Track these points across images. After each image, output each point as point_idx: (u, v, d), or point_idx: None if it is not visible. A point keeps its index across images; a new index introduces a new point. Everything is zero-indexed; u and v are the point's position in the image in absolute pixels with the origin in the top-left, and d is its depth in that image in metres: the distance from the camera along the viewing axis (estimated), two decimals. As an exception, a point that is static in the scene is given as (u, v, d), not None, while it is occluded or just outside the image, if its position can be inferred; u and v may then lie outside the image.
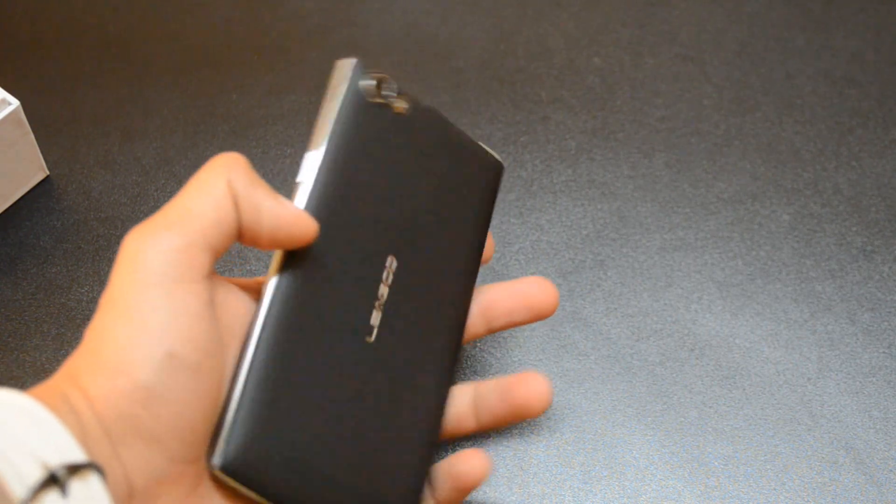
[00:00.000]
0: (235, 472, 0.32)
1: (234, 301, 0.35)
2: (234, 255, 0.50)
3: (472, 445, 0.44)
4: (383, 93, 0.39)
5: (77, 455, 0.28)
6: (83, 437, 0.29)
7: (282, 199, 0.34)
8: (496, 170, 0.42)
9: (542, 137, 0.55)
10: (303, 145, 0.55)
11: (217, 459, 0.32)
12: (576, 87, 0.57)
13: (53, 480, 0.27)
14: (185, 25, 0.60)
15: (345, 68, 0.39)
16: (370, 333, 0.37)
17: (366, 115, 0.38)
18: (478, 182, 0.41)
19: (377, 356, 0.37)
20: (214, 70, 0.58)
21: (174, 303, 0.31)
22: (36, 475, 0.27)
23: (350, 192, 0.37)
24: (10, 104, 0.49)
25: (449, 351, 0.39)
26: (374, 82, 0.39)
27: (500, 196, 0.52)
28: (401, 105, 0.39)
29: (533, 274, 0.50)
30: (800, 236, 0.51)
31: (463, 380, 0.46)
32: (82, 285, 0.50)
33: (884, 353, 0.47)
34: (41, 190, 0.53)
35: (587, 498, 0.43)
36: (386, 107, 0.39)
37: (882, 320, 0.48)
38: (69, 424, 0.29)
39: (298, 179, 0.37)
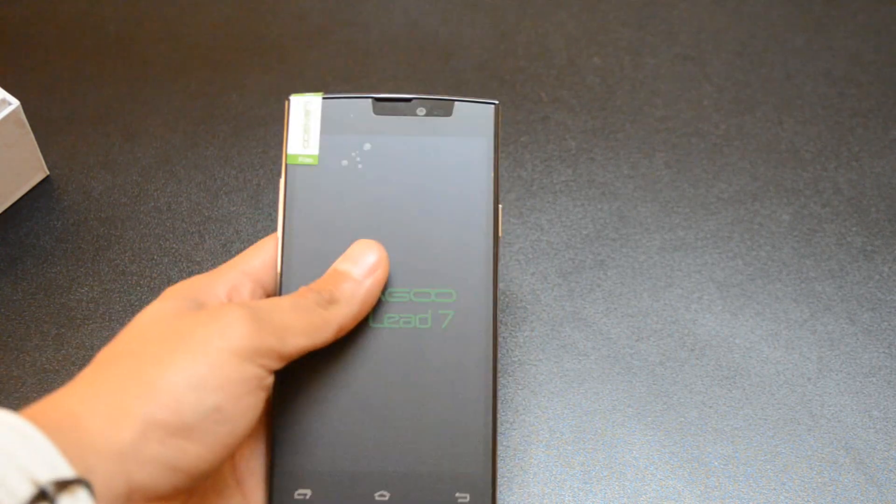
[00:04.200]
0: None
1: None
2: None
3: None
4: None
5: (65, 471, 0.29)
6: (78, 451, 0.30)
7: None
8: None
9: (542, 137, 0.55)
10: (303, 145, 0.55)
11: None
12: (576, 87, 0.57)
13: (43, 496, 0.28)
14: (185, 25, 0.60)
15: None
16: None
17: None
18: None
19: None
20: (214, 70, 0.58)
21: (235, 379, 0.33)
22: (26, 491, 0.28)
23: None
24: (10, 104, 0.49)
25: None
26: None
27: (500, 196, 0.52)
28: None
29: (532, 274, 0.50)
30: (800, 236, 0.51)
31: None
32: (82, 285, 0.50)
33: (884, 353, 0.47)
34: (41, 190, 0.53)
35: (587, 498, 0.43)
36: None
37: (882, 320, 0.48)
38: (65, 439, 0.30)
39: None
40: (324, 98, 0.39)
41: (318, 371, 0.37)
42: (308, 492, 0.35)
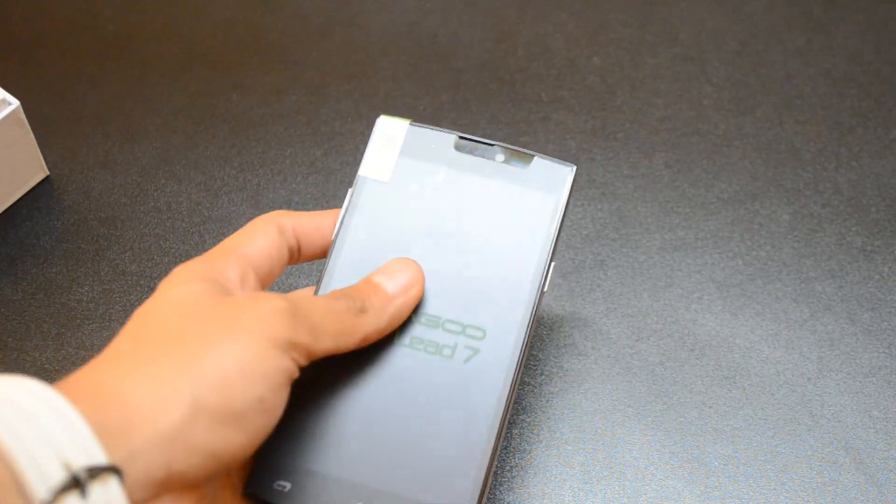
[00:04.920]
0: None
1: None
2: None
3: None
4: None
5: (99, 457, 0.28)
6: (122, 433, 0.29)
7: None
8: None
9: (542, 137, 0.55)
10: (303, 145, 0.55)
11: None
12: (576, 87, 0.57)
13: (75, 483, 0.27)
14: (185, 25, 0.60)
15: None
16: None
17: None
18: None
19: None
20: (214, 70, 0.58)
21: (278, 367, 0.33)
22: (58, 476, 0.27)
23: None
24: (10, 104, 0.49)
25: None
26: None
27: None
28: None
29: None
30: (800, 236, 0.51)
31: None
32: (82, 285, 0.50)
33: (884, 353, 0.47)
34: (41, 190, 0.53)
35: (587, 498, 0.43)
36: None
37: (882, 320, 0.48)
38: (108, 421, 0.29)
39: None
40: (410, 125, 0.41)
41: (329, 376, 0.37)
42: (287, 485, 0.35)
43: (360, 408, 0.36)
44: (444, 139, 0.40)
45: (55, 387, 0.29)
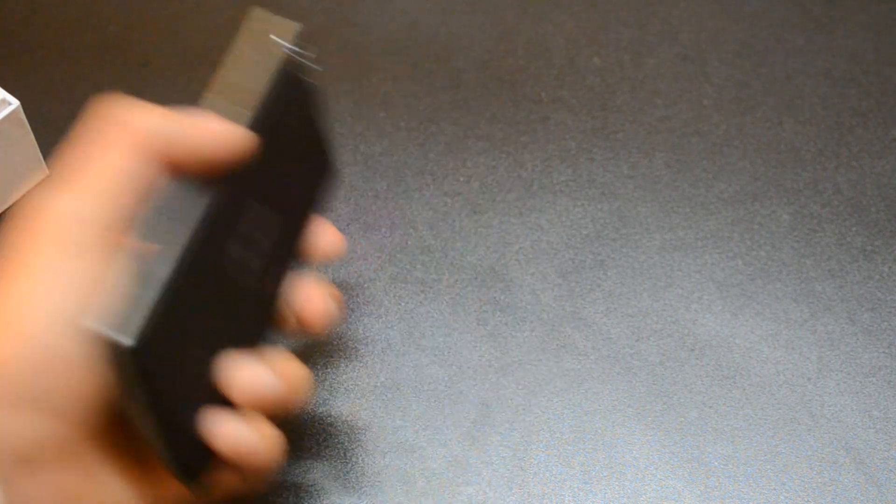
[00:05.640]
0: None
1: None
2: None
3: (468, 448, 0.44)
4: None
5: None
6: None
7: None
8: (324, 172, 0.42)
9: (542, 137, 0.55)
10: (303, 145, 0.55)
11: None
12: (576, 87, 0.57)
13: None
14: (184, 25, 0.60)
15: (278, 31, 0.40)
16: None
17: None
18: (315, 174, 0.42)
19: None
20: (214, 70, 0.58)
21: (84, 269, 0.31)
22: None
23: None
24: (10, 104, 0.49)
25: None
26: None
27: (500, 196, 0.52)
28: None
29: (532, 274, 0.50)
30: (800, 236, 0.51)
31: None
32: (82, 285, 0.49)
33: (884, 353, 0.47)
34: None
35: (587, 498, 0.43)
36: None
37: (882, 320, 0.48)
38: None
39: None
40: None
41: None
42: None
43: None
44: None
45: None
